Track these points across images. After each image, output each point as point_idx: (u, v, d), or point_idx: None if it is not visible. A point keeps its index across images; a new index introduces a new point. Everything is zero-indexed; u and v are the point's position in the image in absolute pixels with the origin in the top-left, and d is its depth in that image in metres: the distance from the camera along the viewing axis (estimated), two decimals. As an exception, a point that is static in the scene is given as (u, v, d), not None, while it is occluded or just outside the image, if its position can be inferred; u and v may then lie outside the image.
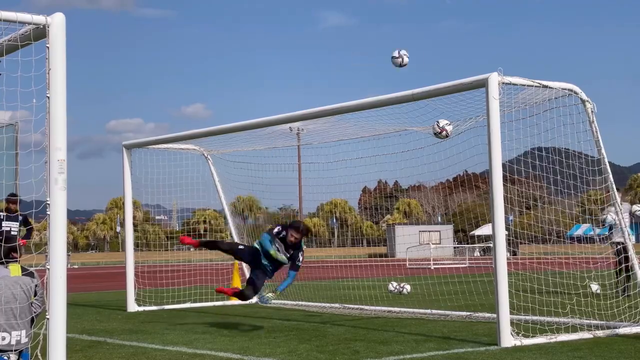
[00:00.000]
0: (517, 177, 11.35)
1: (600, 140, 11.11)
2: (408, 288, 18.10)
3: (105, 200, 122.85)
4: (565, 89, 10.84)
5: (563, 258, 12.77)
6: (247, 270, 17.86)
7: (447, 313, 13.54)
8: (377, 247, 67.46)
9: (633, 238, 14.51)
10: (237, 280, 18.04)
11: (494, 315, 10.20)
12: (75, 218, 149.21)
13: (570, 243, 13.44)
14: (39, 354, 7.34)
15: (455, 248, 52.76)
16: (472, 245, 51.39)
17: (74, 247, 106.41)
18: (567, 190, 11.99)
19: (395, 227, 65.07)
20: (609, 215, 13.71)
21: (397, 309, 14.37)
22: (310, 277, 25.55)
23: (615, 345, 9.53)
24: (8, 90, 7.24)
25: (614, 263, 15.47)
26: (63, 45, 7.20)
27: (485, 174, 11.08)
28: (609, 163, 11.33)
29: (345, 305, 15.30)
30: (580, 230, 41.17)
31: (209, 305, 16.72)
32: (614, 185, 11.47)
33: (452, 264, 37.74)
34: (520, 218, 17.98)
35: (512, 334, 9.80)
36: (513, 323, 9.98)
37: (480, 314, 13.10)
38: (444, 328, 11.70)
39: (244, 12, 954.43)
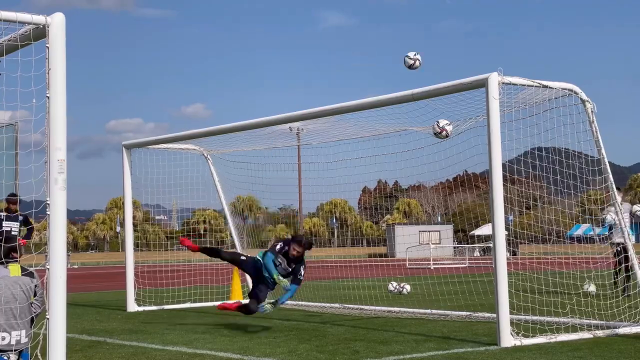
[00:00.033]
0: (517, 177, 11.34)
1: (600, 140, 11.11)
2: (408, 288, 18.10)
3: (105, 200, 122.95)
4: (565, 89, 10.84)
5: (563, 258, 12.76)
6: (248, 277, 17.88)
7: (447, 313, 13.53)
8: (377, 247, 67.47)
9: (633, 238, 14.51)
10: (237, 280, 18.03)
11: (494, 315, 10.20)
12: (75, 218, 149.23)
13: (570, 243, 13.43)
14: (39, 354, 7.34)
15: (455, 248, 52.73)
16: (472, 245, 51.38)
17: (74, 247, 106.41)
18: (567, 190, 11.99)
19: (395, 227, 65.06)
20: (609, 215, 13.71)
21: (397, 309, 14.37)
22: (310, 277, 25.50)
23: (615, 345, 9.53)
24: (8, 90, 7.25)
25: (613, 263, 15.48)
26: (63, 45, 7.20)
27: (485, 174, 11.08)
28: (609, 163, 11.33)
29: (345, 305, 15.29)
30: (580, 230, 41.15)
31: (209, 305, 16.70)
32: (614, 185, 11.47)
33: (452, 264, 37.72)
34: (520, 218, 17.98)
35: (512, 334, 9.79)
36: (513, 323, 9.98)
37: (480, 314, 13.10)
38: (444, 328, 11.70)
39: (244, 12, 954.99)
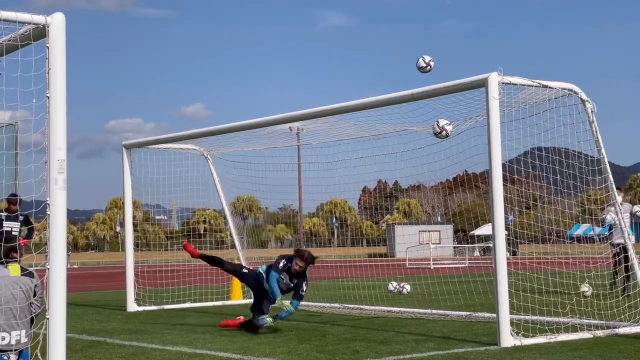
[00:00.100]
0: (517, 177, 11.34)
1: (600, 140, 11.11)
2: (408, 288, 18.09)
3: (105, 200, 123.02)
4: (565, 89, 10.84)
5: (563, 258, 12.75)
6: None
7: (446, 313, 13.53)
8: (376, 247, 67.46)
9: (633, 238, 14.51)
10: (236, 280, 18.01)
11: (494, 315, 10.20)
12: (75, 218, 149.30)
13: (570, 243, 13.42)
14: (39, 354, 7.33)
15: (455, 248, 52.71)
16: (472, 245, 51.35)
17: (74, 247, 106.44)
18: (567, 190, 11.99)
19: (395, 227, 65.05)
20: (609, 215, 13.71)
21: (397, 309, 14.37)
22: (310, 277, 25.51)
23: (615, 345, 9.53)
24: (8, 90, 7.24)
25: (612, 264, 15.49)
26: (63, 45, 7.19)
27: (485, 174, 11.08)
28: (609, 163, 11.33)
29: (345, 305, 15.29)
30: (580, 230, 41.13)
31: (209, 305, 16.72)
32: (614, 185, 11.47)
33: (451, 264, 37.71)
34: (520, 218, 17.99)
35: (512, 334, 9.79)
36: (513, 323, 9.98)
37: (480, 314, 13.09)
38: (444, 328, 11.70)
39: (244, 12, 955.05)
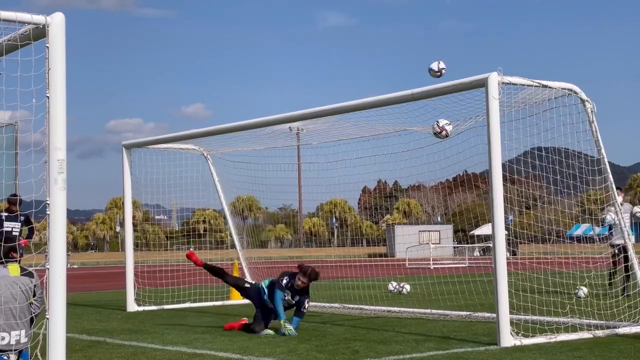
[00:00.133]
0: (517, 177, 11.34)
1: (600, 140, 11.11)
2: (408, 288, 18.12)
3: (105, 200, 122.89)
4: (565, 89, 10.84)
5: (563, 258, 12.76)
6: (248, 273, 17.87)
7: (446, 313, 13.54)
8: (376, 247, 67.42)
9: (633, 238, 14.51)
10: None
11: (494, 315, 10.20)
12: (75, 218, 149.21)
13: (570, 243, 13.43)
14: (39, 354, 7.33)
15: (455, 248, 52.72)
16: (471, 245, 51.37)
17: (74, 247, 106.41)
18: (566, 190, 11.99)
19: (395, 226, 65.02)
20: (609, 215, 13.72)
21: (396, 309, 14.37)
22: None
23: (615, 345, 9.53)
24: (8, 90, 7.24)
25: (610, 264, 15.51)
26: (63, 45, 7.19)
27: (485, 174, 11.08)
28: (609, 163, 11.33)
29: (345, 305, 15.29)
30: (580, 230, 41.16)
31: (209, 305, 16.72)
32: (614, 186, 11.47)
33: (451, 264, 37.70)
34: (520, 218, 17.99)
35: (511, 334, 9.79)
36: (513, 323, 9.98)
37: (480, 314, 13.10)
38: (444, 328, 11.70)
39: (244, 12, 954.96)
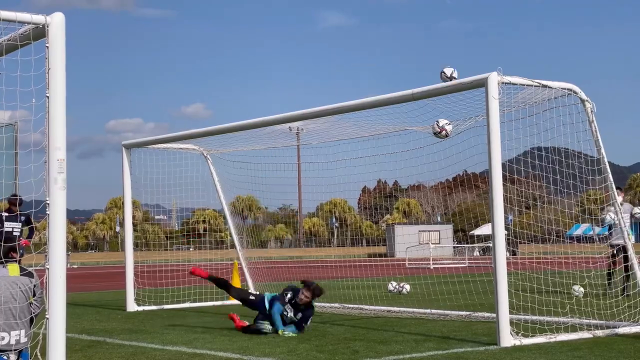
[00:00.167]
0: (516, 176, 11.35)
1: (600, 140, 11.11)
2: (407, 288, 18.14)
3: (105, 200, 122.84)
4: (565, 89, 10.84)
5: (562, 258, 12.76)
6: (247, 273, 17.87)
7: (446, 313, 13.54)
8: (376, 246, 67.40)
9: (633, 238, 14.51)
10: (236, 280, 18.03)
11: (494, 315, 10.20)
12: (75, 218, 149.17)
13: (570, 243, 13.42)
14: (39, 354, 7.33)
15: (455, 248, 52.70)
16: (471, 245, 51.36)
17: (74, 246, 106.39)
18: (566, 190, 11.99)
19: (395, 226, 65.00)
20: (608, 216, 13.72)
21: (396, 309, 14.37)
22: (310, 277, 25.51)
23: (615, 345, 9.54)
24: (7, 90, 7.24)
25: (608, 264, 15.52)
26: (62, 45, 7.19)
27: (485, 174, 11.08)
28: (609, 163, 11.33)
29: (345, 305, 15.29)
30: (580, 230, 41.18)
31: (209, 305, 16.72)
32: (614, 185, 11.47)
33: (451, 264, 37.70)
34: (520, 218, 17.98)
35: (511, 334, 9.80)
36: (512, 323, 9.99)
37: (480, 314, 13.10)
38: (444, 328, 11.70)
39: (244, 12, 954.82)
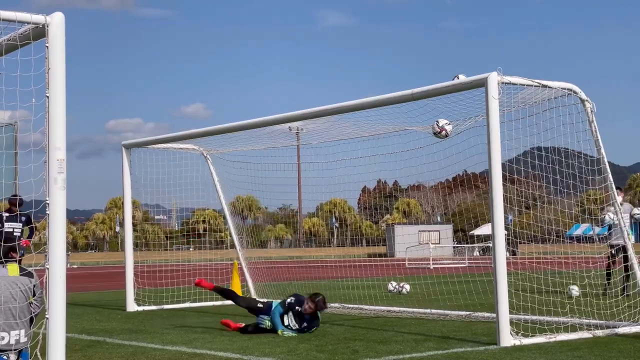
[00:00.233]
0: (516, 176, 11.35)
1: (600, 140, 11.11)
2: (407, 288, 18.15)
3: (105, 200, 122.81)
4: (565, 89, 10.84)
5: (562, 258, 12.76)
6: (247, 273, 17.87)
7: (446, 313, 13.54)
8: (376, 246, 67.43)
9: (632, 238, 14.51)
10: (236, 280, 18.05)
11: (494, 315, 10.20)
12: (75, 218, 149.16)
13: (570, 243, 13.43)
14: (39, 354, 7.33)
15: (455, 248, 52.72)
16: (471, 245, 51.37)
17: (74, 246, 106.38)
18: (566, 190, 11.99)
19: (395, 226, 65.04)
20: (608, 216, 13.72)
21: (396, 309, 14.37)
22: (310, 276, 25.56)
23: (615, 345, 9.54)
24: (7, 90, 7.24)
25: (606, 265, 15.53)
26: (62, 45, 7.19)
27: (485, 174, 11.08)
28: (609, 163, 11.33)
29: (345, 305, 15.29)
30: (580, 230, 41.19)
31: (209, 305, 16.72)
32: (614, 185, 11.47)
33: (451, 264, 37.70)
34: (520, 218, 17.98)
35: (511, 334, 9.80)
36: (512, 322, 9.99)
37: (480, 314, 13.10)
38: (444, 327, 11.70)
39: (244, 12, 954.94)
